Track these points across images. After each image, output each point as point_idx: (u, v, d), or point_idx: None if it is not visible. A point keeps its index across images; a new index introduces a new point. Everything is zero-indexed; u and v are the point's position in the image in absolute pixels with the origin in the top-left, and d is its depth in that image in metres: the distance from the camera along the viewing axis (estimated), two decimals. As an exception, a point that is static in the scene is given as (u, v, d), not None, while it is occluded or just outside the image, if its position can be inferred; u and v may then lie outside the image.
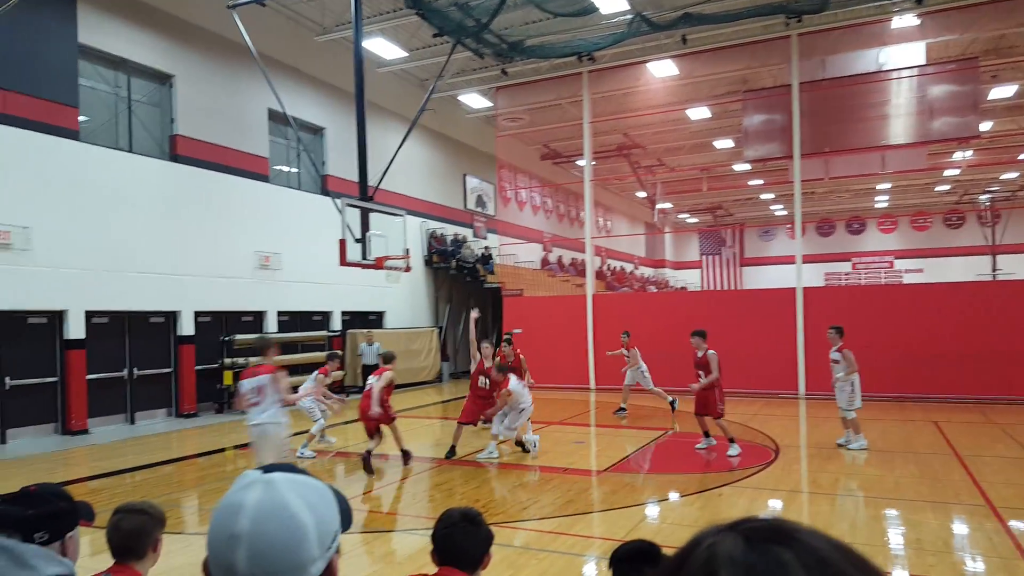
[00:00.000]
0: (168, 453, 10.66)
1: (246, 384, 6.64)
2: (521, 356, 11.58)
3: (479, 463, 9.36)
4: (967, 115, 15.66)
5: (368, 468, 8.65)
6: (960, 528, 6.33)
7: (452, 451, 9.59)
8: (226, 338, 14.75)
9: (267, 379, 6.59)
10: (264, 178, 15.99)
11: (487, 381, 9.72)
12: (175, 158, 14.01)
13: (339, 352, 15.02)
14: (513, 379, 9.32)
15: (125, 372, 13.22)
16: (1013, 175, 32.22)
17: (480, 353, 9.97)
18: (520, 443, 9.79)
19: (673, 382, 16.44)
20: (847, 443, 9.78)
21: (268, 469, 1.04)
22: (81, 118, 12.38)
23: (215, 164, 14.70)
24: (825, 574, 0.57)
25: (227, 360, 14.55)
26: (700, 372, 9.58)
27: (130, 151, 13.30)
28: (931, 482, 7.86)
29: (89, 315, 12.40)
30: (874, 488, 7.71)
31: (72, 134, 12.09)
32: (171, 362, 14.06)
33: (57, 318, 12.07)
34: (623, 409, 13.31)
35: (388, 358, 9.22)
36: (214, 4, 13.52)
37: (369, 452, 8.75)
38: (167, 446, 11.37)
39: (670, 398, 12.86)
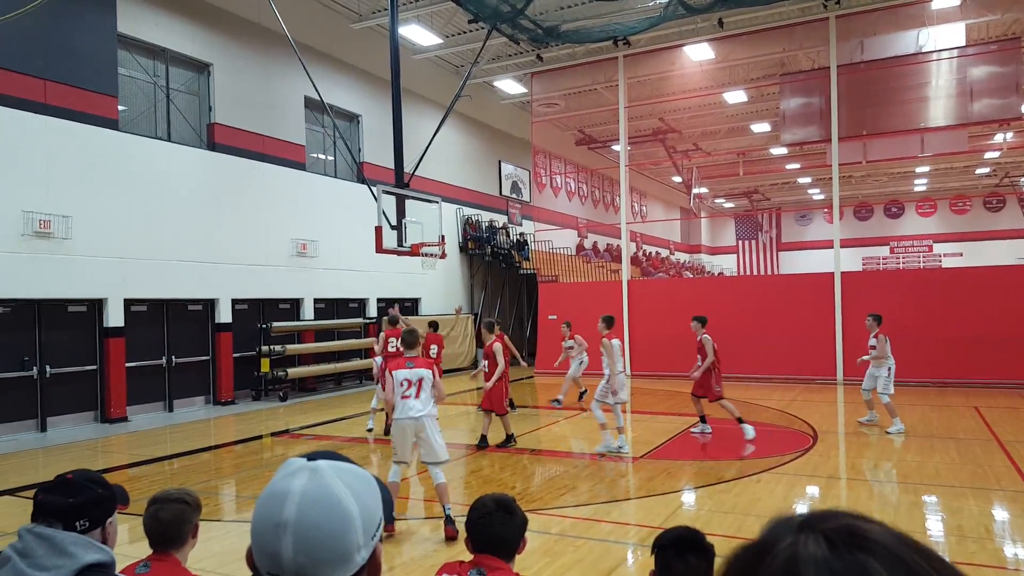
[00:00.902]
0: (206, 440, 10.88)
1: (400, 375, 6.20)
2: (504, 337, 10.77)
3: (511, 449, 9.58)
4: (1008, 96, 15.37)
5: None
6: (1001, 515, 6.42)
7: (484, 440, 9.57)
8: (263, 325, 14.88)
9: (427, 373, 6.23)
10: (301, 166, 16.26)
11: (486, 364, 9.71)
12: (213, 146, 14.26)
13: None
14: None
15: (163, 360, 13.41)
16: (1058, 156, 31.31)
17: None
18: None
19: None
20: (870, 421, 10.38)
21: (312, 456, 1.05)
22: (120, 107, 12.59)
23: (252, 152, 14.94)
24: None
25: (264, 348, 14.67)
26: (699, 356, 9.95)
27: (168, 140, 13.51)
28: (972, 468, 7.91)
29: (128, 303, 12.60)
30: (914, 474, 7.79)
31: (111, 123, 12.30)
32: (209, 350, 14.25)
33: (96, 306, 12.28)
34: (559, 400, 13.23)
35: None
36: (251, -10, 13.76)
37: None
38: (205, 434, 11.50)
39: (581, 388, 13.19)
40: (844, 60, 16.37)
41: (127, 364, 12.56)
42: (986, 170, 35.10)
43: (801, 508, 6.76)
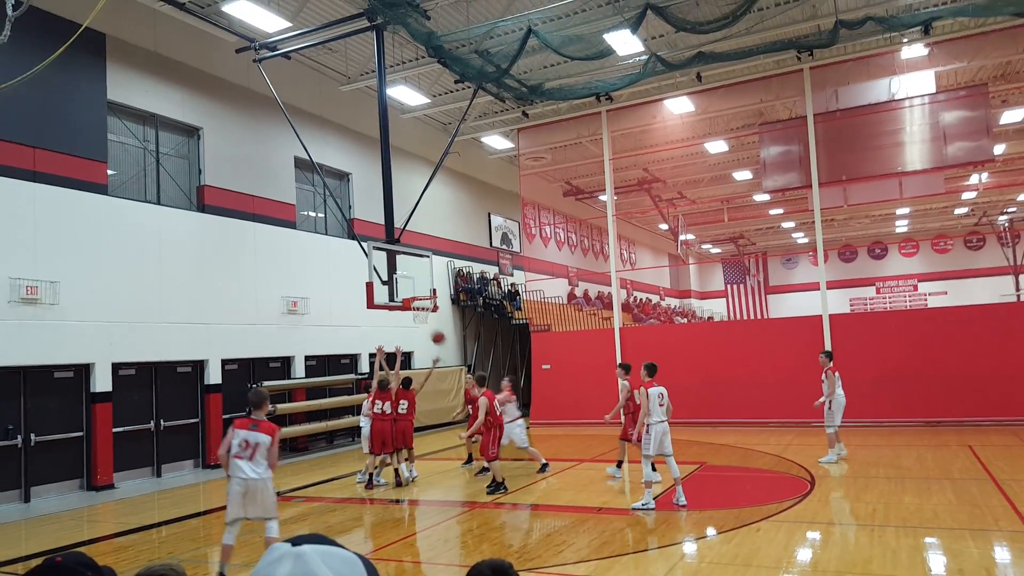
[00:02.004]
0: (195, 506, 10.66)
1: (240, 435, 6.33)
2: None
3: (507, 505, 9.47)
4: (980, 139, 15.87)
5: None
6: (1002, 555, 6.39)
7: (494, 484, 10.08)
8: (253, 385, 14.71)
9: (266, 438, 6.34)
10: (291, 224, 16.35)
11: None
12: (202, 208, 14.33)
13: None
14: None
15: (152, 424, 13.16)
16: (1031, 196, 32.17)
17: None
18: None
19: (704, 412, 16.55)
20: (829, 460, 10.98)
21: (297, 541, 1.05)
22: (110, 172, 12.68)
23: (242, 212, 15.04)
24: None
25: None
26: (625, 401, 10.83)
27: (158, 203, 13.57)
28: (970, 508, 7.89)
29: (116, 367, 12.43)
30: (913, 517, 7.75)
31: (100, 188, 12.37)
32: (198, 412, 14.05)
33: (83, 371, 12.10)
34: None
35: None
36: (240, 58, 14.06)
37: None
38: (194, 499, 11.30)
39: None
40: (820, 109, 16.91)
41: (114, 429, 12.34)
42: (965, 210, 35.90)
43: (802, 556, 6.71)
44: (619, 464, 11.05)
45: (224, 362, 14.50)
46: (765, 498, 9.12)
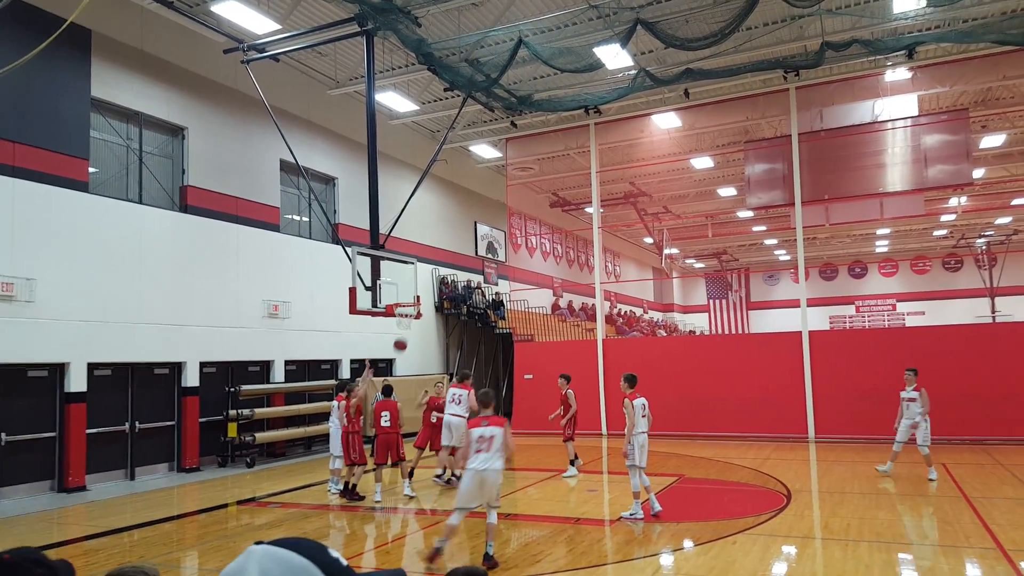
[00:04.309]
0: (168, 510, 10.49)
1: (476, 432, 7.11)
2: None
3: (482, 513, 9.43)
4: (960, 163, 16.16)
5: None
6: (973, 572, 6.46)
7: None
8: (232, 389, 14.55)
9: (499, 430, 7.11)
10: (275, 227, 16.24)
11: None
12: (185, 208, 14.20)
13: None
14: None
15: (126, 426, 12.97)
16: (1007, 220, 32.84)
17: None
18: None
19: (683, 425, 16.63)
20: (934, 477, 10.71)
21: (280, 542, 1.11)
22: (91, 170, 12.53)
23: (225, 214, 14.91)
24: None
25: (232, 412, 14.26)
26: (562, 407, 12.21)
27: (139, 202, 13.42)
28: (942, 525, 7.98)
29: (92, 367, 12.24)
30: (886, 533, 7.83)
31: (81, 185, 12.20)
32: (174, 415, 13.86)
33: (58, 371, 11.89)
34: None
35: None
36: (227, 59, 13.95)
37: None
38: (167, 502, 11.11)
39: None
40: (805, 128, 17.15)
41: (88, 430, 12.12)
42: (944, 232, 36.52)
43: (777, 569, 6.75)
44: (572, 462, 12.11)
45: (202, 365, 14.32)
46: (742, 511, 9.17)
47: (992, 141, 21.14)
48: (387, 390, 11.00)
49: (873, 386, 15.73)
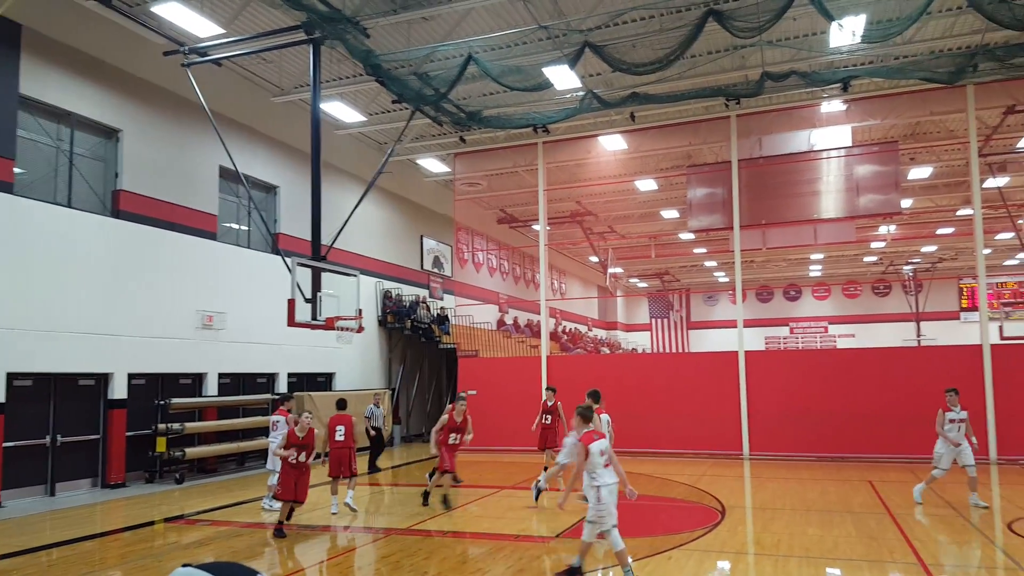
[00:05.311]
0: (90, 528, 9.98)
1: (595, 447, 6.90)
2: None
3: (427, 532, 9.31)
4: (890, 193, 16.99)
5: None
6: (894, 586, 6.68)
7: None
8: (161, 402, 14.04)
9: (605, 444, 7.01)
10: (212, 236, 15.76)
11: (458, 436, 10.83)
12: (117, 213, 13.71)
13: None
14: None
15: (47, 439, 12.39)
16: (932, 248, 34.63)
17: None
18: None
19: (625, 442, 16.75)
20: (978, 502, 10.12)
21: (208, 567, 1.08)
22: (17, 170, 11.99)
23: (160, 221, 14.43)
24: None
25: (161, 426, 13.77)
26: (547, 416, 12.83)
27: (68, 206, 12.89)
28: (868, 541, 8.25)
29: (11, 377, 11.67)
30: (815, 548, 8.04)
31: (6, 186, 11.68)
32: (99, 428, 13.30)
33: None
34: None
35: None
36: (167, 61, 13.51)
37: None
38: (90, 520, 10.57)
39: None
40: (744, 155, 17.76)
41: (4, 444, 11.46)
42: (874, 258, 38.26)
43: (710, 585, 6.82)
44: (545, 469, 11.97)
45: (131, 376, 13.75)
46: (678, 527, 9.29)
47: (920, 173, 22.30)
48: (341, 404, 10.70)
49: (804, 405, 16.27)
